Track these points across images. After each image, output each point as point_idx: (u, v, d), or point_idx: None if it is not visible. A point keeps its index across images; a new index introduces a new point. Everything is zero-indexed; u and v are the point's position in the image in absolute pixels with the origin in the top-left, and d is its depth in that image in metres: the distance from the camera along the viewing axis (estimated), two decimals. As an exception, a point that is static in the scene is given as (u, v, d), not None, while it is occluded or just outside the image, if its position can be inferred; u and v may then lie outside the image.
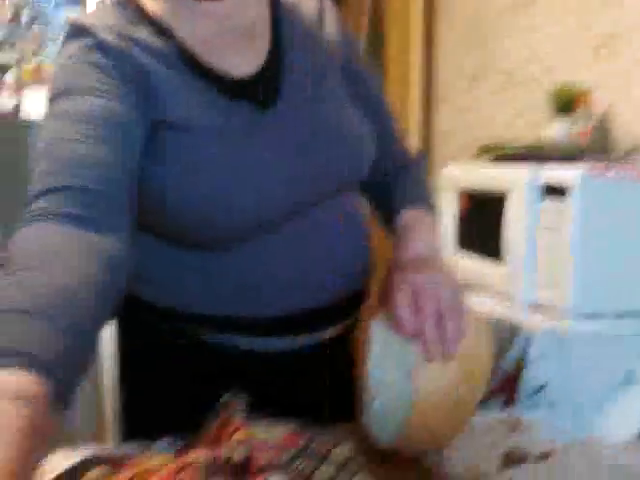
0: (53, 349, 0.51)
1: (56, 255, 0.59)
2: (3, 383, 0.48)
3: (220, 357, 0.86)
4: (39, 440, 0.48)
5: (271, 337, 0.86)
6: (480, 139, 2.51)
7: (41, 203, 0.64)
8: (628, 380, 1.31)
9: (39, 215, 0.63)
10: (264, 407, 0.76)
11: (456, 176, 1.68)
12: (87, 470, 0.56)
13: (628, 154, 1.58)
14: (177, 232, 0.80)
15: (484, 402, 1.29)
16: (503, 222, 1.42)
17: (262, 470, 0.60)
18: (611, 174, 1.28)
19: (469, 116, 2.61)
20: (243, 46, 0.84)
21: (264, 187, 0.79)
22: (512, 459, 0.80)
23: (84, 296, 0.57)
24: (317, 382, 0.94)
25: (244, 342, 0.86)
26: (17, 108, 2.24)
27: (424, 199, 0.94)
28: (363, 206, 0.99)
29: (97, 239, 0.64)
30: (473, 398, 0.76)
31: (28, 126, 2.19)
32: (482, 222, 1.58)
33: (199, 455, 0.57)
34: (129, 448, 0.77)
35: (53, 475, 0.60)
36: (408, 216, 0.89)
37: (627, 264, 1.32)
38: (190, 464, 0.55)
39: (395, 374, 0.72)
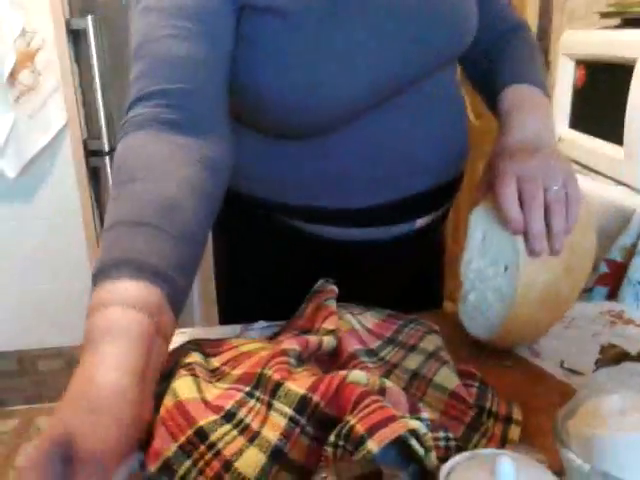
0: (166, 257, 0.54)
1: (159, 165, 0.60)
2: (126, 291, 0.51)
3: (315, 244, 0.86)
4: (161, 343, 0.52)
5: (368, 227, 0.84)
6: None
7: (140, 109, 0.63)
8: None
9: (139, 123, 0.62)
10: (357, 294, 0.78)
11: (575, 42, 1.50)
12: (187, 353, 0.59)
13: None
14: (272, 122, 0.76)
15: (587, 291, 1.26)
16: (627, 97, 1.27)
17: (350, 358, 0.62)
18: None
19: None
20: None
21: (359, 70, 0.73)
22: (611, 355, 0.77)
23: (190, 203, 0.59)
24: (410, 269, 0.93)
25: (338, 232, 0.84)
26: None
27: (534, 74, 0.84)
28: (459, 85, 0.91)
29: (198, 144, 0.63)
30: (573, 293, 0.73)
31: None
32: (602, 96, 1.43)
33: (291, 342, 0.59)
34: (230, 329, 0.82)
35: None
36: (514, 95, 0.81)
37: None
38: (283, 351, 0.57)
39: (494, 268, 0.70)
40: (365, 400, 0.47)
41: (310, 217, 0.84)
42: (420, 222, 0.87)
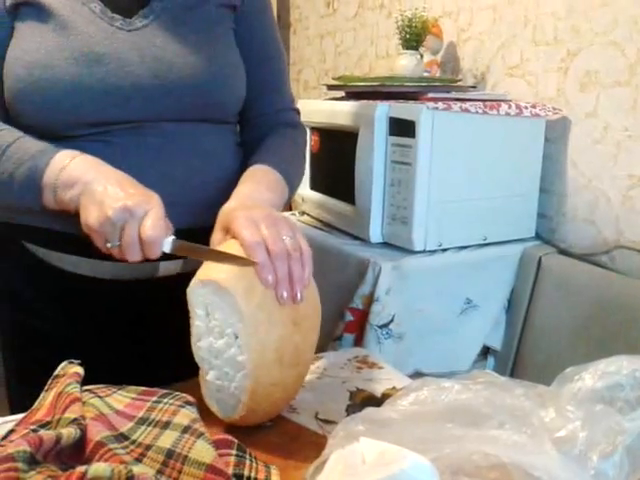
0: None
1: None
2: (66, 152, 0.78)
3: (64, 280, 0.86)
4: None
5: (103, 260, 0.82)
6: (335, 69, 2.50)
7: None
8: (468, 307, 1.41)
9: None
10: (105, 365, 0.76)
11: (307, 111, 1.64)
12: None
13: (474, 86, 1.64)
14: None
15: (337, 339, 1.34)
16: (354, 162, 1.42)
17: (98, 447, 0.57)
18: (456, 107, 1.31)
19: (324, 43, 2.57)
20: None
21: (81, 80, 0.79)
22: (360, 399, 0.82)
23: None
24: (164, 324, 0.89)
25: (77, 263, 0.85)
26: None
27: (278, 160, 0.91)
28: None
29: None
30: (308, 344, 0.73)
31: None
32: (334, 161, 1.57)
33: (19, 444, 0.51)
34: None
35: None
36: (252, 172, 0.87)
37: (468, 200, 1.39)
38: (8, 457, 0.49)
39: (225, 340, 0.67)
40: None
41: (49, 242, 0.84)
42: (165, 267, 0.86)
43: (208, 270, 0.69)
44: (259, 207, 0.75)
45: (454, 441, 0.47)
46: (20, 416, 0.68)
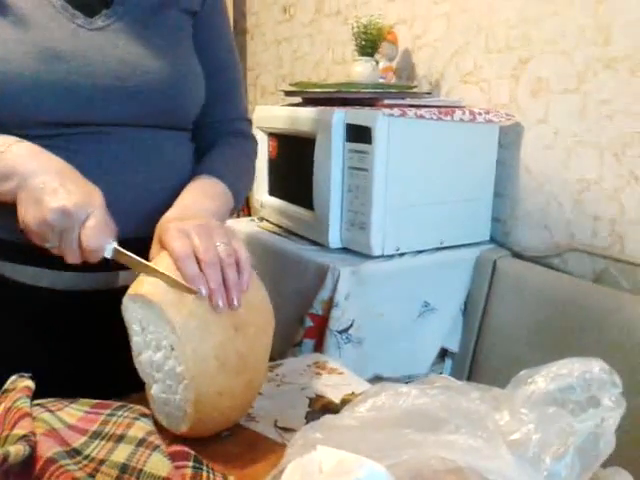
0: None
1: None
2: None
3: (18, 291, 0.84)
4: None
5: (63, 271, 0.81)
6: (292, 74, 2.51)
7: None
8: (426, 310, 1.43)
9: None
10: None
11: (265, 117, 1.64)
12: None
13: (429, 92, 1.67)
14: None
15: (297, 345, 1.34)
16: (312, 167, 1.42)
17: (48, 464, 0.55)
18: (411, 113, 1.33)
19: (281, 49, 2.57)
20: None
21: (40, 76, 0.76)
22: (319, 406, 0.82)
23: None
24: (113, 336, 0.87)
25: (35, 274, 0.83)
26: None
27: (223, 170, 0.91)
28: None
29: None
30: (256, 350, 0.71)
31: None
32: (292, 166, 1.57)
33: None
34: None
35: None
36: (195, 182, 0.87)
37: (424, 205, 1.41)
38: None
39: (162, 352, 0.67)
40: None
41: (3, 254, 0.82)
42: (124, 277, 0.84)
43: (137, 284, 0.69)
44: (194, 217, 0.74)
45: (412, 447, 0.48)
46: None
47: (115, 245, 0.70)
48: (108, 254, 0.69)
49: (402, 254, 1.40)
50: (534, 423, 0.49)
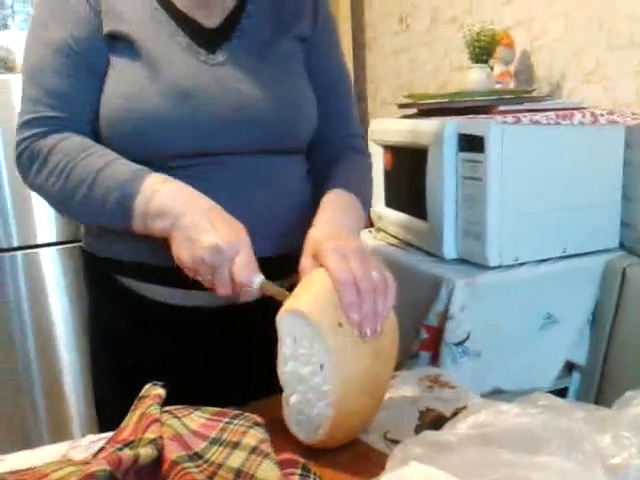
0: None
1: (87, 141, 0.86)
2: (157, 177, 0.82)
3: (155, 309, 0.91)
4: None
5: (192, 290, 0.86)
6: (410, 84, 2.51)
7: (37, 127, 0.85)
8: (549, 322, 1.37)
9: (44, 132, 0.85)
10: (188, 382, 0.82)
11: (379, 130, 1.67)
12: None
13: (549, 95, 1.61)
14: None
15: (413, 357, 1.35)
16: (425, 179, 1.43)
17: (173, 466, 0.61)
18: (526, 120, 1.29)
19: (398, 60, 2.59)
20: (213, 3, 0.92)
21: (169, 113, 0.83)
22: (429, 419, 0.83)
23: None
24: (250, 345, 0.93)
25: (167, 294, 0.90)
26: None
27: (356, 185, 0.93)
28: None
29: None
30: (387, 373, 0.75)
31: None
32: (407, 177, 1.58)
33: (100, 463, 0.57)
34: (55, 450, 0.76)
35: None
36: (332, 196, 0.89)
37: (544, 212, 1.36)
38: (90, 475, 0.55)
39: (310, 367, 0.70)
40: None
41: (138, 274, 0.90)
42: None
43: (295, 300, 0.71)
44: (348, 238, 0.77)
45: (505, 467, 0.48)
46: (109, 434, 0.74)
47: (262, 277, 0.75)
48: (256, 286, 0.75)
49: (522, 264, 1.36)
50: (636, 447, 0.47)
